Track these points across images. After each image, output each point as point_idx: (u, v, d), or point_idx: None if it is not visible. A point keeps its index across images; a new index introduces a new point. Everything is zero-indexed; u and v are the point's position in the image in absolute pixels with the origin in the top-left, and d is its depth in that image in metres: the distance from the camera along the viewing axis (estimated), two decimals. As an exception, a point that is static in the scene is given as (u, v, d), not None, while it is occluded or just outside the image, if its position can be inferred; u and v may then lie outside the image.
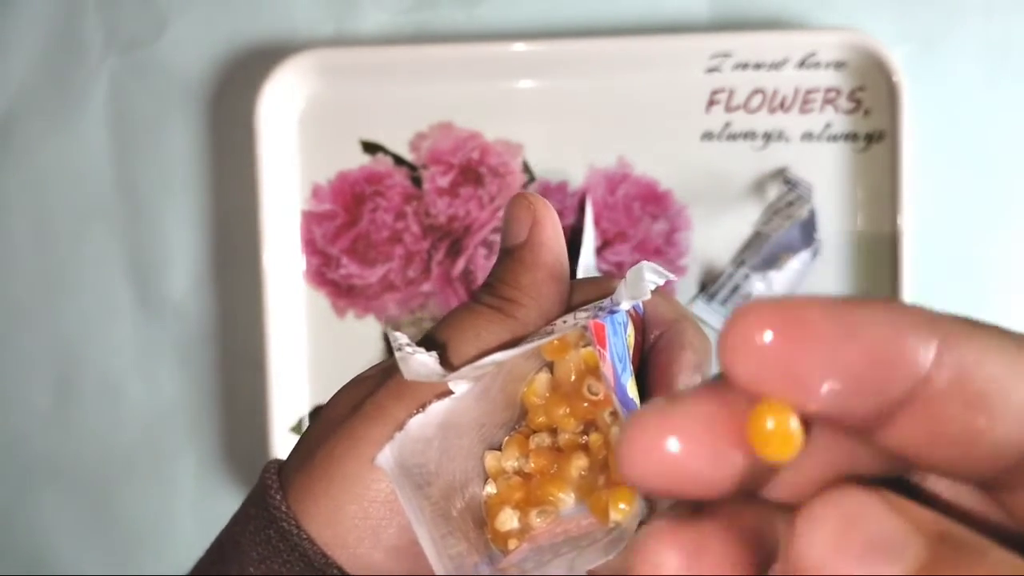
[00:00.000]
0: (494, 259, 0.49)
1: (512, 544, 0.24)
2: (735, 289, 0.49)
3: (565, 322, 0.25)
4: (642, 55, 0.48)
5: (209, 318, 0.52)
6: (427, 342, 0.25)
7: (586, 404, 0.24)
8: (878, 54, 0.47)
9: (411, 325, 0.51)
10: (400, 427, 0.23)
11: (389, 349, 0.50)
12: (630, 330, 0.27)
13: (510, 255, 0.27)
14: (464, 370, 0.23)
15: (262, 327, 0.49)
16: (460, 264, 0.50)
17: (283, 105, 0.49)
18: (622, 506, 0.23)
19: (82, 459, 0.53)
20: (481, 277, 0.50)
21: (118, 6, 0.52)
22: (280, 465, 0.26)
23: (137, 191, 0.52)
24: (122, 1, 0.52)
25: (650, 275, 0.26)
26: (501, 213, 0.50)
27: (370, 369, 0.27)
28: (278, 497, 0.24)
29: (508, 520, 0.24)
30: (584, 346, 0.25)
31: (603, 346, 0.24)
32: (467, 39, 0.51)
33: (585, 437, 0.25)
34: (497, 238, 0.50)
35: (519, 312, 0.26)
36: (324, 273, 0.50)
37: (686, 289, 0.50)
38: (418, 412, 0.23)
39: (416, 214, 0.50)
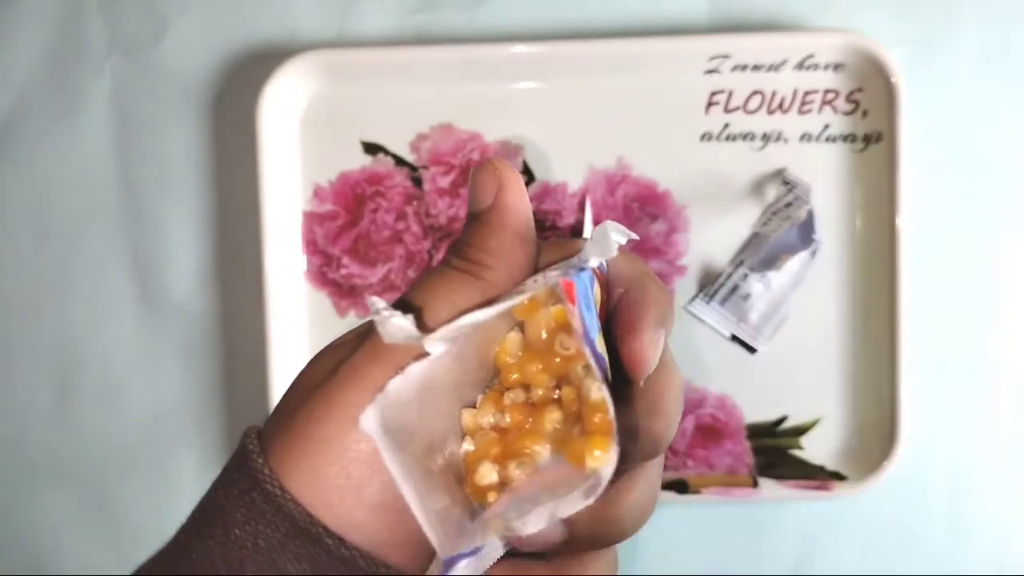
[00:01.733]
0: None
1: (491, 497, 0.25)
2: (734, 289, 0.49)
3: (536, 281, 0.26)
4: (641, 57, 0.49)
5: (211, 318, 0.53)
6: (402, 306, 0.26)
7: (558, 359, 0.25)
8: (876, 56, 0.47)
9: (412, 325, 0.51)
10: (380, 390, 0.24)
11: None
12: (596, 288, 0.27)
13: (477, 219, 0.28)
14: (440, 332, 0.24)
15: (263, 327, 0.49)
16: (460, 264, 0.50)
17: (285, 106, 0.49)
18: (597, 453, 0.23)
19: (83, 457, 0.53)
20: (481, 277, 0.50)
21: (120, 7, 0.52)
22: (259, 431, 0.26)
23: (139, 191, 0.52)
24: (124, 2, 0.52)
25: (615, 234, 0.26)
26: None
27: (345, 335, 0.28)
28: (260, 460, 0.24)
29: (488, 474, 0.25)
30: (554, 304, 0.25)
31: (572, 302, 0.24)
32: (467, 41, 0.51)
33: (557, 392, 0.26)
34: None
35: (488, 274, 0.27)
36: (325, 273, 0.51)
37: (685, 289, 0.50)
38: (397, 375, 0.24)
39: (417, 214, 0.50)
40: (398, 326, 0.24)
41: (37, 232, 0.53)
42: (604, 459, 0.23)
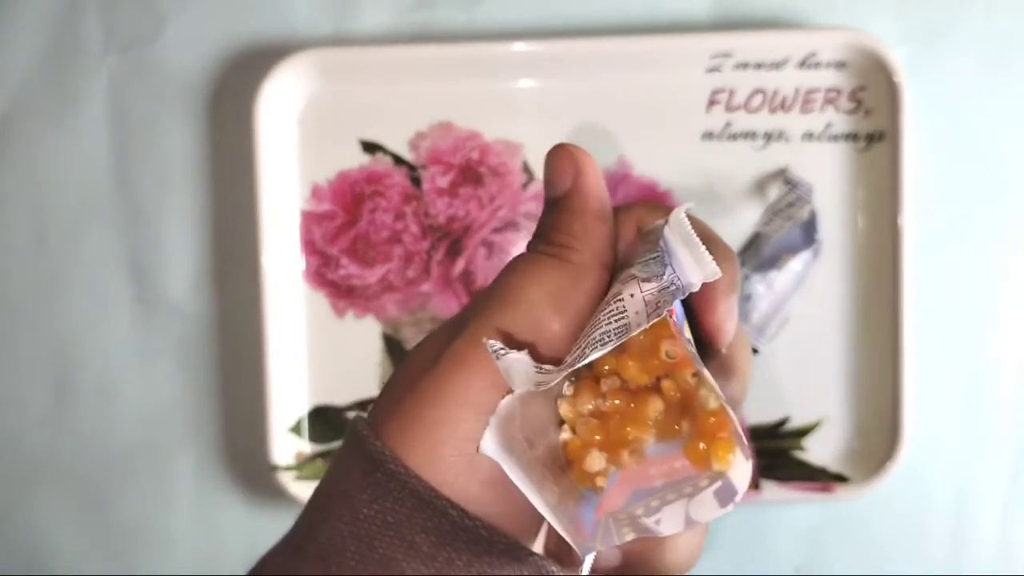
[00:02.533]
0: (494, 259, 0.50)
1: (600, 481, 0.26)
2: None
3: (632, 296, 0.26)
4: (642, 55, 0.48)
5: (208, 318, 0.52)
6: (495, 295, 0.27)
7: (656, 362, 0.26)
8: (879, 54, 0.47)
9: (411, 325, 0.50)
10: (491, 411, 0.25)
11: (388, 349, 0.50)
12: None
13: (558, 204, 0.29)
14: (566, 374, 0.25)
15: (261, 327, 0.49)
16: (460, 264, 0.50)
17: (282, 105, 0.49)
18: (731, 456, 0.24)
19: (80, 459, 0.53)
20: (481, 277, 0.50)
21: (117, 6, 0.52)
22: (366, 419, 0.27)
23: (136, 191, 0.52)
24: (121, 1, 0.52)
25: (690, 231, 0.26)
26: (501, 212, 0.50)
27: (438, 327, 0.29)
28: (378, 444, 0.26)
29: (597, 461, 0.25)
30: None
31: (672, 313, 0.25)
32: (467, 39, 0.51)
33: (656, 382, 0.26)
34: (497, 239, 0.50)
35: (574, 256, 0.28)
36: (323, 273, 0.50)
37: (686, 289, 0.50)
38: (507, 395, 0.25)
39: (416, 214, 0.50)
40: (521, 369, 0.24)
41: (33, 231, 0.53)
42: (734, 463, 0.24)
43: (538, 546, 0.28)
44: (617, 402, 0.26)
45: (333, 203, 0.50)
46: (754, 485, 0.49)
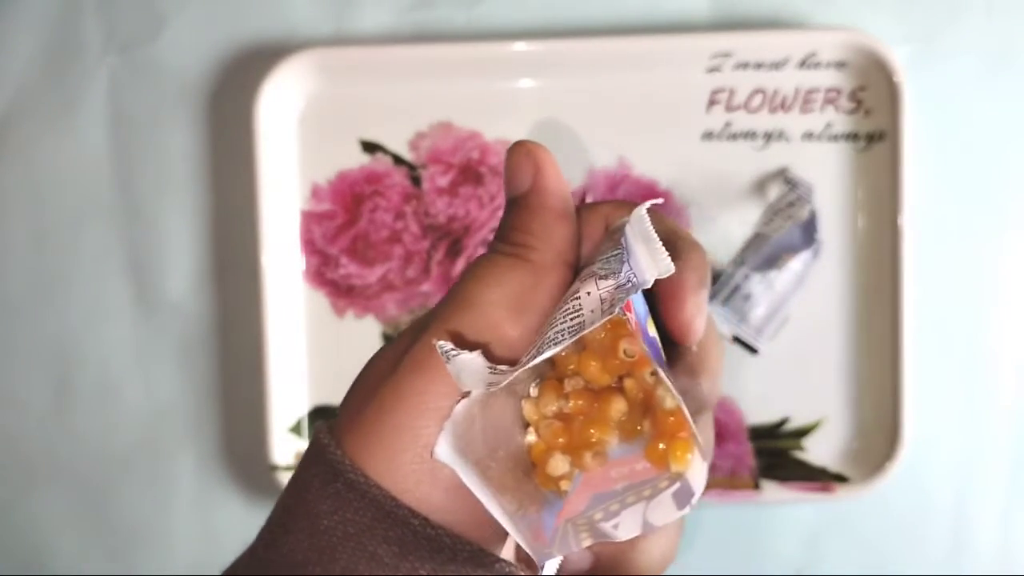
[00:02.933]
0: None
1: (564, 485, 0.25)
2: (735, 289, 0.49)
3: (589, 294, 0.26)
4: (642, 55, 0.48)
5: (208, 318, 0.52)
6: (453, 299, 0.26)
7: (618, 361, 0.25)
8: (879, 54, 0.47)
9: (410, 325, 0.51)
10: (442, 414, 0.25)
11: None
12: None
13: (517, 203, 0.29)
14: (517, 374, 0.24)
15: (261, 327, 0.49)
16: (460, 264, 0.50)
17: (282, 104, 0.49)
18: (688, 456, 0.23)
19: (80, 459, 0.53)
20: (481, 277, 0.50)
21: (117, 6, 0.52)
22: (329, 426, 0.27)
23: (135, 190, 0.52)
24: (120, 1, 0.52)
25: (648, 228, 0.26)
26: (501, 212, 0.50)
27: (403, 329, 0.29)
28: (338, 453, 0.25)
29: (560, 465, 0.25)
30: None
31: (629, 310, 0.25)
32: (466, 38, 0.51)
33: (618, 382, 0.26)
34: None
35: (534, 255, 0.27)
36: (323, 273, 0.50)
37: (686, 289, 0.50)
38: (462, 399, 0.25)
39: (415, 214, 0.50)
40: (473, 371, 0.24)
41: (33, 232, 0.53)
42: (692, 463, 0.23)
43: (507, 551, 0.27)
44: (580, 403, 0.25)
45: (333, 203, 0.50)
46: (754, 485, 0.49)
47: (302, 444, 0.50)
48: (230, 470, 0.53)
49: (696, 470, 0.23)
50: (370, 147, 0.50)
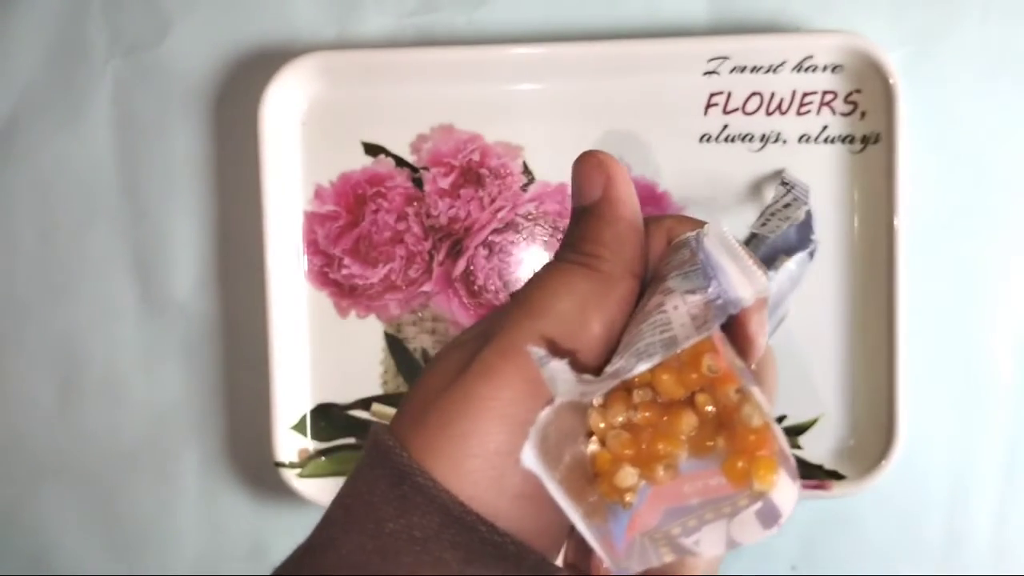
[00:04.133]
0: (495, 260, 0.50)
1: (629, 497, 0.24)
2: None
3: (676, 308, 0.25)
4: (640, 58, 0.49)
5: (212, 317, 0.53)
6: (522, 306, 0.26)
7: (695, 376, 0.25)
8: (874, 57, 0.47)
9: (412, 325, 0.51)
10: (521, 423, 0.24)
11: (390, 348, 0.51)
12: None
13: (589, 212, 0.28)
14: (612, 384, 0.24)
15: (265, 327, 0.49)
16: (461, 265, 0.51)
17: (286, 107, 0.49)
18: (772, 476, 0.23)
19: (85, 457, 0.53)
20: (481, 277, 0.51)
21: (122, 9, 0.52)
22: (387, 429, 0.27)
23: (141, 192, 0.53)
24: (126, 4, 0.52)
25: (734, 244, 0.26)
26: (502, 214, 0.50)
27: (462, 335, 0.28)
28: (405, 455, 0.25)
29: (629, 477, 0.24)
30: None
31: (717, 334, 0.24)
32: (468, 42, 0.51)
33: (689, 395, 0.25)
34: (498, 239, 0.50)
35: (604, 265, 0.27)
36: (326, 273, 0.51)
37: (684, 289, 0.50)
38: (547, 407, 0.24)
39: (417, 215, 0.51)
40: (566, 379, 0.23)
41: (40, 233, 0.53)
42: (775, 483, 0.23)
43: (559, 564, 0.27)
44: (648, 415, 0.25)
45: (336, 204, 0.51)
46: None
47: (306, 442, 0.50)
48: (235, 468, 0.53)
49: (784, 490, 0.23)
50: (372, 149, 0.51)
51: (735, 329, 0.27)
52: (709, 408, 0.24)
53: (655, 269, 0.29)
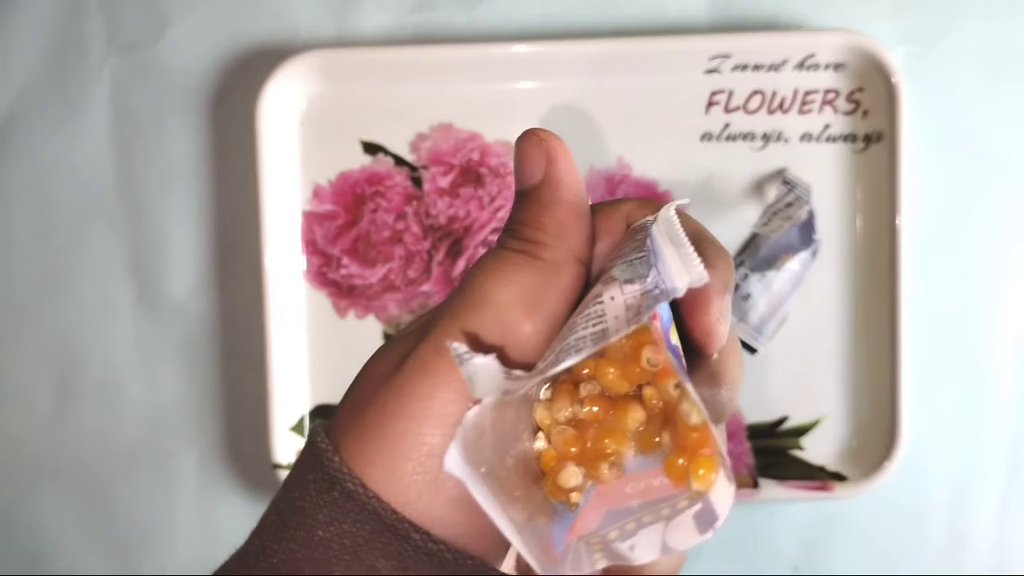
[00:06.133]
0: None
1: (575, 497, 0.24)
2: (734, 289, 0.49)
3: (612, 299, 0.24)
4: (641, 56, 0.49)
5: (210, 317, 0.53)
6: (461, 297, 0.25)
7: (638, 370, 0.24)
8: (877, 55, 0.47)
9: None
10: (451, 419, 0.23)
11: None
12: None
13: (528, 196, 0.27)
14: (534, 381, 0.23)
15: (263, 327, 0.49)
16: (460, 264, 0.50)
17: (284, 106, 0.49)
18: (712, 476, 0.22)
19: (83, 458, 0.53)
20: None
21: (119, 7, 0.52)
22: (325, 428, 0.26)
23: (138, 191, 0.52)
24: (124, 2, 0.52)
25: (678, 230, 0.24)
26: (502, 213, 0.50)
27: (405, 328, 0.27)
28: (336, 459, 0.24)
29: (573, 477, 0.24)
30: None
31: (655, 317, 0.23)
32: (467, 40, 0.51)
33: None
34: (498, 239, 0.50)
35: (546, 252, 0.26)
36: (325, 273, 0.51)
37: (685, 289, 0.50)
38: (473, 406, 0.23)
39: (416, 214, 0.50)
40: (488, 376, 0.22)
41: (37, 232, 0.53)
42: (714, 482, 0.22)
43: (508, 565, 0.26)
44: (596, 409, 0.24)
45: (334, 203, 0.50)
46: (753, 484, 0.50)
47: (304, 443, 0.50)
48: (232, 469, 0.53)
49: (721, 491, 0.22)
50: (371, 148, 0.50)
51: (694, 319, 0.25)
52: (656, 402, 0.24)
53: (609, 256, 0.28)
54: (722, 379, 0.27)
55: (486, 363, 0.22)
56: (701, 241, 0.26)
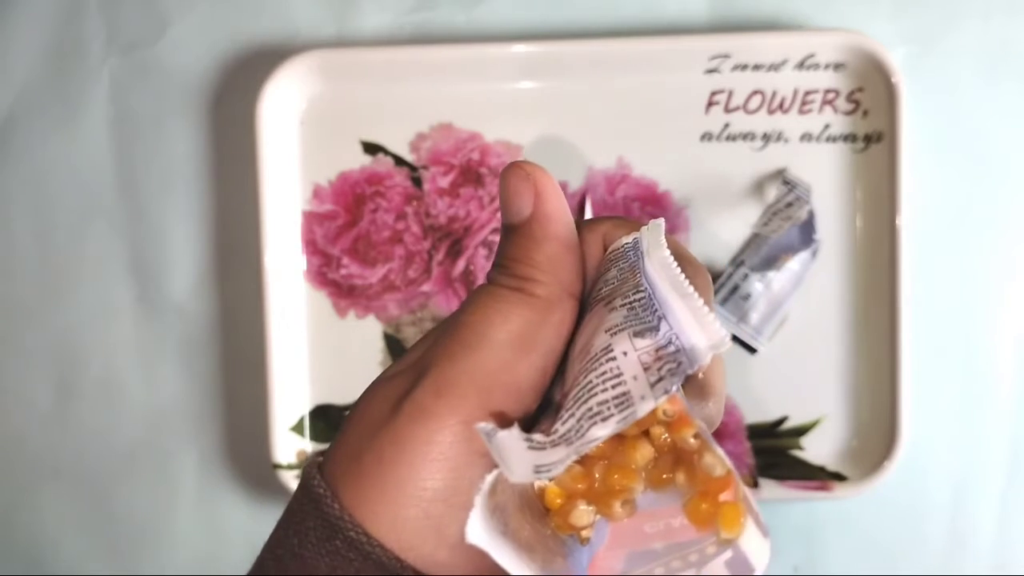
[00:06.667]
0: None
1: (586, 533, 0.23)
2: (734, 290, 0.49)
3: (625, 354, 0.23)
4: (641, 56, 0.49)
5: (210, 318, 0.53)
6: (455, 337, 0.25)
7: (650, 418, 0.23)
8: (877, 55, 0.47)
9: (412, 325, 0.51)
10: (469, 466, 0.23)
11: (390, 348, 0.51)
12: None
13: (518, 231, 0.27)
14: (569, 461, 0.22)
15: (263, 327, 0.49)
16: (460, 264, 0.50)
17: (284, 106, 0.49)
18: (741, 520, 0.21)
19: (83, 458, 0.53)
20: (481, 277, 0.50)
21: (119, 7, 0.52)
22: (320, 469, 0.25)
23: (138, 191, 0.52)
24: (123, 2, 0.52)
25: (679, 277, 0.24)
26: (499, 215, 0.50)
27: (396, 365, 0.27)
28: (336, 506, 0.24)
29: (585, 515, 0.23)
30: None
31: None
32: (467, 40, 0.51)
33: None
34: (497, 239, 0.50)
35: (540, 289, 0.26)
36: (325, 273, 0.51)
37: (685, 289, 0.50)
38: (493, 470, 0.22)
39: (416, 214, 0.50)
40: (518, 452, 0.22)
41: (37, 232, 0.53)
42: (743, 528, 0.21)
43: None
44: (601, 446, 0.23)
45: (334, 203, 0.50)
46: (753, 483, 0.50)
47: (304, 443, 0.50)
48: (233, 469, 0.53)
49: (752, 539, 0.21)
50: (371, 148, 0.50)
51: (692, 377, 0.25)
52: (664, 438, 0.23)
53: (592, 280, 0.27)
54: (709, 392, 0.26)
55: (511, 436, 0.22)
56: (682, 261, 0.26)
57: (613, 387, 0.23)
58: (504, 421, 0.24)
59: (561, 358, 0.26)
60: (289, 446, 0.50)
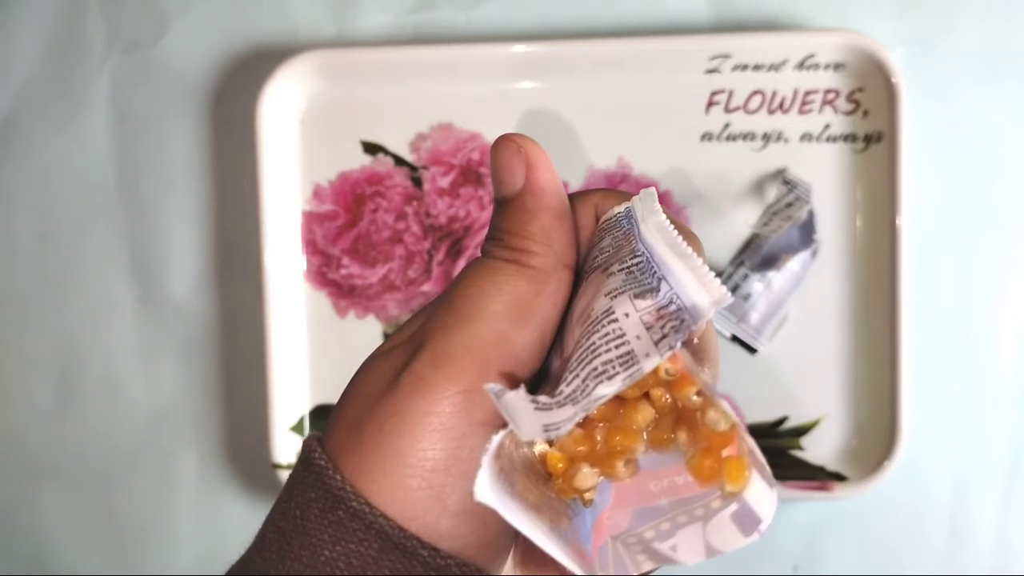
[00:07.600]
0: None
1: (589, 496, 0.23)
2: (734, 289, 0.49)
3: (627, 315, 0.23)
4: (641, 56, 0.49)
5: (210, 317, 0.53)
6: (452, 309, 0.25)
7: (650, 378, 0.23)
8: (877, 55, 0.47)
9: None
10: (468, 436, 0.23)
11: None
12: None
13: (511, 203, 0.27)
14: (577, 419, 0.22)
15: (263, 327, 0.49)
16: (460, 264, 0.50)
17: (284, 106, 0.49)
18: (745, 473, 0.21)
19: (83, 458, 0.53)
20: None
21: (120, 7, 0.52)
22: (319, 441, 0.25)
23: (139, 191, 0.52)
24: (124, 2, 0.52)
25: (676, 239, 0.24)
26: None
27: (392, 339, 0.27)
28: (338, 478, 0.24)
29: (588, 477, 0.23)
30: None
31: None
32: (467, 40, 0.51)
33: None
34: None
35: (535, 260, 0.26)
36: (325, 273, 0.51)
37: (685, 289, 0.50)
38: (501, 431, 0.22)
39: (417, 214, 0.50)
40: (525, 412, 0.22)
41: (38, 232, 0.53)
42: (748, 480, 0.21)
43: (507, 568, 0.26)
44: (603, 408, 0.23)
45: (334, 203, 0.50)
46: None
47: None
48: (233, 469, 0.53)
49: (757, 491, 0.21)
50: (371, 148, 0.50)
51: (688, 343, 0.25)
52: (665, 399, 0.23)
53: (586, 251, 0.28)
54: (704, 358, 0.26)
55: (518, 397, 0.22)
56: (673, 226, 0.26)
57: (617, 347, 0.23)
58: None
59: (557, 328, 0.26)
60: (289, 446, 0.50)
